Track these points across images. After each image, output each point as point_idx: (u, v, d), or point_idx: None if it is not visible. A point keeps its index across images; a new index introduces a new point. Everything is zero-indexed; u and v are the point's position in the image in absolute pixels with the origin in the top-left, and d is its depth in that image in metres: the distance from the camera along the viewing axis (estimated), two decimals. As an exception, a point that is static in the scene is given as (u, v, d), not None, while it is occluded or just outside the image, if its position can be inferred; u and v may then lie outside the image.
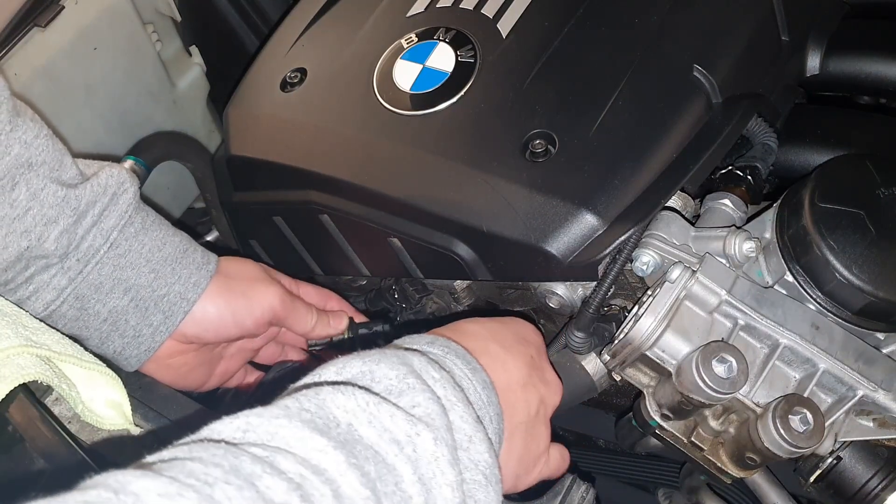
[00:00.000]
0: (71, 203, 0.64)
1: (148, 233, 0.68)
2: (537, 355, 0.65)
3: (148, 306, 0.68)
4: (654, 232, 0.68)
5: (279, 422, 0.41)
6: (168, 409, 0.67)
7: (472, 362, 0.55)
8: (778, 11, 0.79)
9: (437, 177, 0.72)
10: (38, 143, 0.63)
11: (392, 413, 0.44)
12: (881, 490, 0.65)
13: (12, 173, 0.61)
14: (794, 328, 0.62)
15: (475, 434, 0.48)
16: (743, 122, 0.74)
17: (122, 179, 0.68)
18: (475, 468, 0.47)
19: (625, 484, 0.95)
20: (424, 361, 0.51)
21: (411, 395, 0.47)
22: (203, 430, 0.41)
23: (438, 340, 0.56)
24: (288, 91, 0.85)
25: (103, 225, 0.65)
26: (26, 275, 0.64)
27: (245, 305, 0.72)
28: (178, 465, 0.36)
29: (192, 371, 0.75)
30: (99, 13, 0.98)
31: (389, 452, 0.42)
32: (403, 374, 0.48)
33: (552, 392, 0.65)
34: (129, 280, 0.67)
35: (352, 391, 0.45)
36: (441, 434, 0.45)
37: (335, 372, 0.49)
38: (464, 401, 0.50)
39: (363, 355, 0.50)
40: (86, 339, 0.69)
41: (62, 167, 0.64)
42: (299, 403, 0.43)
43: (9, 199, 0.61)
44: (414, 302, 0.87)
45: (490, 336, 0.62)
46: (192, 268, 0.70)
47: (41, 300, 0.65)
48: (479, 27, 0.80)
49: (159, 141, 1.05)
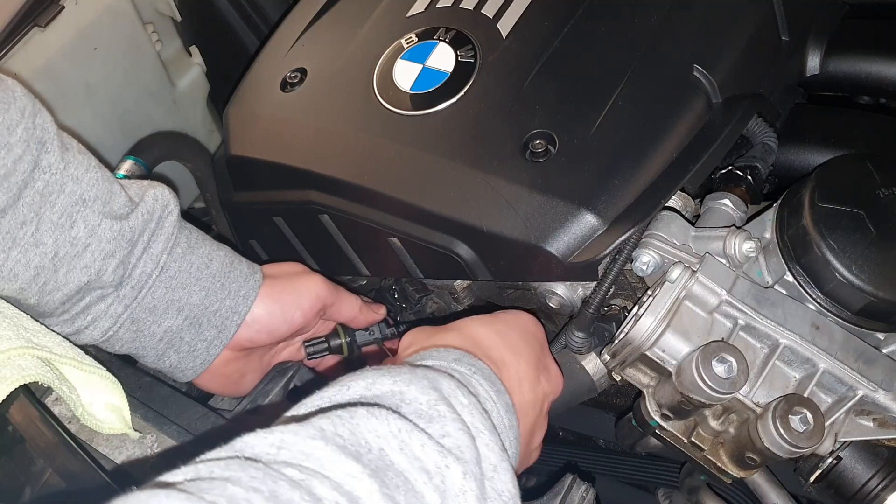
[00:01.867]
0: (126, 235, 0.65)
1: (194, 251, 0.70)
2: (541, 350, 0.66)
3: (201, 323, 0.70)
4: (654, 232, 0.68)
5: (315, 443, 0.41)
6: (168, 409, 0.67)
7: (497, 384, 0.56)
8: (778, 11, 0.79)
9: (437, 177, 0.72)
10: (88, 177, 0.64)
11: (423, 442, 0.44)
12: (881, 490, 0.65)
13: (69, 211, 0.63)
14: (794, 328, 0.62)
15: (500, 464, 0.48)
16: (743, 122, 0.74)
17: (167, 202, 0.69)
18: (499, 499, 0.47)
19: (625, 484, 0.95)
20: (454, 386, 0.50)
21: (441, 423, 0.47)
22: (236, 441, 0.41)
23: (465, 358, 0.56)
24: (288, 91, 0.85)
25: (152, 250, 0.67)
26: (82, 305, 0.65)
27: (293, 300, 0.73)
28: (219, 487, 0.36)
29: (243, 377, 0.76)
30: (99, 13, 0.98)
31: (419, 480, 0.42)
32: (434, 401, 0.48)
33: (555, 385, 0.66)
34: (181, 300, 0.68)
35: (385, 416, 0.45)
36: (470, 468, 0.45)
37: (364, 387, 0.48)
38: (490, 428, 0.50)
39: (393, 373, 0.50)
40: (142, 357, 0.71)
41: (112, 198, 0.66)
42: (334, 426, 0.43)
43: (69, 237, 0.63)
44: (414, 302, 0.87)
45: (503, 342, 0.62)
46: (241, 280, 0.71)
47: (99, 328, 0.67)
48: (479, 27, 0.80)
49: (159, 141, 1.05)
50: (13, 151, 0.60)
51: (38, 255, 0.62)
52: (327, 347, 0.81)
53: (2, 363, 0.56)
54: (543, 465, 1.01)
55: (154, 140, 1.05)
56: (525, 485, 1.05)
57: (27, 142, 0.61)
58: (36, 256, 0.62)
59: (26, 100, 0.63)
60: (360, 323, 0.81)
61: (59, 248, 0.62)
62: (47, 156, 0.62)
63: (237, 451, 0.40)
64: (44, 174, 0.62)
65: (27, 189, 0.61)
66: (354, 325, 0.81)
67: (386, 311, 0.83)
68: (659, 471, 0.90)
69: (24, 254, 0.61)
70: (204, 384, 0.75)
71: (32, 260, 0.62)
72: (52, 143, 0.63)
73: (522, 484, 1.06)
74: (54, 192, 0.62)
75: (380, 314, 0.82)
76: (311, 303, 0.74)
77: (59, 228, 0.62)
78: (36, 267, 0.62)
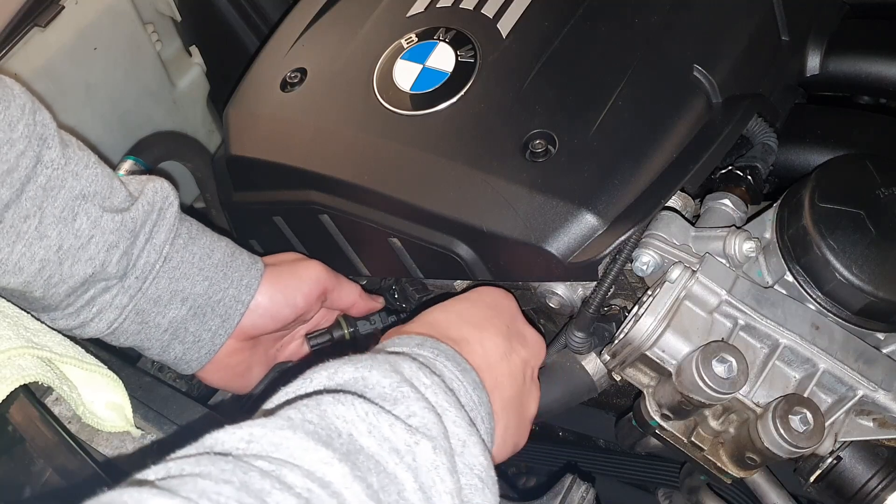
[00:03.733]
0: (128, 226, 0.65)
1: (196, 242, 0.70)
2: (511, 321, 0.66)
3: (205, 312, 0.70)
4: (654, 232, 0.68)
5: (283, 433, 0.41)
6: (168, 409, 0.67)
7: (462, 363, 0.56)
8: (778, 11, 0.79)
9: (437, 177, 0.72)
10: (87, 173, 0.65)
11: (391, 423, 0.44)
12: (881, 490, 0.65)
13: (71, 205, 0.63)
14: (794, 328, 0.62)
15: (469, 438, 0.48)
16: (743, 122, 0.74)
17: (167, 194, 0.69)
18: (471, 472, 0.47)
19: (625, 484, 0.95)
20: (415, 367, 0.51)
21: (406, 403, 0.47)
22: (206, 438, 0.41)
23: (427, 342, 0.56)
24: (288, 91, 0.85)
25: (155, 241, 0.67)
26: (87, 297, 0.66)
27: (294, 284, 0.74)
28: (190, 483, 0.36)
29: (249, 370, 0.77)
30: (99, 13, 0.98)
31: (390, 462, 0.43)
32: (397, 383, 0.48)
33: (535, 350, 0.66)
34: (185, 290, 0.69)
35: (351, 401, 0.45)
36: (439, 442, 0.45)
37: (327, 377, 0.49)
38: (456, 405, 0.50)
39: (354, 360, 0.50)
40: (147, 350, 0.71)
41: (112, 193, 0.66)
42: (301, 414, 0.43)
43: (72, 229, 0.63)
44: (414, 302, 0.87)
45: (461, 320, 0.62)
46: (243, 269, 0.72)
47: (104, 320, 0.67)
48: (479, 27, 0.80)
49: (159, 141, 1.05)
50: (16, 147, 0.61)
51: (42, 248, 0.62)
52: (330, 338, 0.82)
53: (2, 363, 0.56)
54: (543, 465, 1.01)
55: (154, 140, 1.05)
56: (525, 485, 1.05)
57: (29, 138, 0.62)
58: (41, 249, 0.62)
59: (25, 97, 0.63)
60: (360, 309, 0.82)
61: (63, 241, 0.63)
62: (49, 151, 0.63)
63: (207, 448, 0.41)
64: (46, 169, 0.62)
65: (30, 184, 0.61)
66: (354, 311, 0.82)
67: (384, 301, 0.84)
68: (659, 471, 0.90)
69: (29, 247, 0.62)
70: (209, 377, 0.75)
71: (37, 253, 0.62)
72: (52, 139, 0.63)
73: (522, 484, 1.07)
74: (56, 187, 0.63)
75: (379, 303, 0.83)
76: (311, 286, 0.75)
77: (62, 222, 0.63)
78: (41, 260, 0.62)
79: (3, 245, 0.61)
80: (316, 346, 0.81)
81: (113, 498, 0.34)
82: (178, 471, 0.37)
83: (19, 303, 0.66)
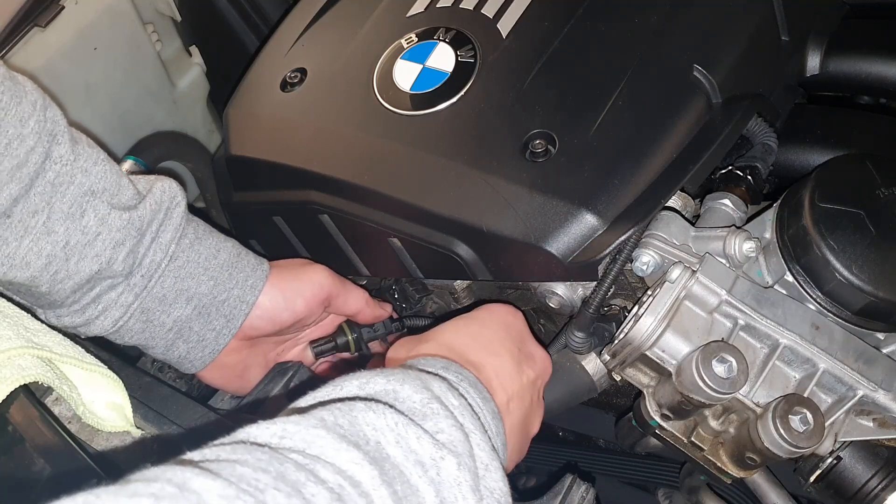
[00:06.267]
0: (135, 224, 0.66)
1: (202, 242, 0.70)
2: (521, 342, 0.66)
3: (210, 312, 0.71)
4: (654, 232, 0.68)
5: (316, 431, 0.42)
6: (168, 409, 0.67)
7: (483, 391, 0.56)
8: (778, 11, 0.79)
9: (437, 177, 0.72)
10: (97, 169, 0.65)
11: (419, 435, 0.45)
12: (881, 490, 0.65)
13: (79, 201, 0.64)
14: (794, 328, 0.62)
15: (491, 463, 0.48)
16: (743, 122, 0.74)
17: (174, 193, 0.70)
18: (491, 496, 0.47)
19: (625, 484, 0.95)
20: (444, 387, 0.51)
21: (435, 419, 0.47)
22: (239, 432, 0.42)
23: (452, 366, 0.56)
24: (288, 91, 0.85)
25: (161, 240, 0.68)
26: (93, 294, 0.66)
27: (295, 287, 0.74)
28: (229, 468, 0.36)
29: (247, 370, 0.77)
30: (99, 13, 0.98)
31: (414, 474, 0.43)
32: (427, 399, 0.49)
33: (542, 369, 0.66)
34: (190, 290, 0.69)
35: (382, 410, 0.45)
36: (464, 460, 0.46)
37: (358, 386, 0.49)
38: (480, 429, 0.50)
39: (386, 373, 0.50)
40: (151, 348, 0.71)
41: (121, 190, 0.66)
42: (333, 417, 0.44)
43: (80, 226, 0.63)
44: (414, 302, 0.87)
45: (477, 344, 0.62)
46: (248, 270, 0.72)
47: (110, 318, 0.67)
48: (479, 27, 0.80)
49: (159, 141, 1.05)
50: (26, 142, 0.61)
51: (49, 244, 0.62)
52: (334, 346, 0.81)
53: (2, 363, 0.56)
54: (543, 465, 1.01)
55: (154, 140, 1.05)
56: (525, 485, 1.05)
57: (39, 133, 0.62)
58: (48, 245, 0.62)
59: (37, 94, 0.64)
60: (367, 317, 0.81)
61: (70, 237, 0.63)
62: (58, 147, 0.63)
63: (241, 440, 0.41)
64: (55, 165, 0.63)
65: (39, 179, 0.62)
66: (361, 318, 0.81)
67: (391, 307, 0.84)
68: (659, 471, 0.90)
69: (36, 242, 0.62)
70: (208, 376, 0.75)
71: (44, 248, 0.62)
72: (62, 135, 0.64)
73: (522, 484, 1.07)
74: (65, 183, 0.63)
75: (386, 311, 0.83)
76: (313, 291, 0.75)
77: (70, 218, 0.63)
78: (48, 255, 0.63)
79: (11, 239, 0.61)
80: (319, 352, 0.81)
81: (157, 474, 0.35)
82: (215, 456, 0.38)
83: (26, 298, 0.67)
